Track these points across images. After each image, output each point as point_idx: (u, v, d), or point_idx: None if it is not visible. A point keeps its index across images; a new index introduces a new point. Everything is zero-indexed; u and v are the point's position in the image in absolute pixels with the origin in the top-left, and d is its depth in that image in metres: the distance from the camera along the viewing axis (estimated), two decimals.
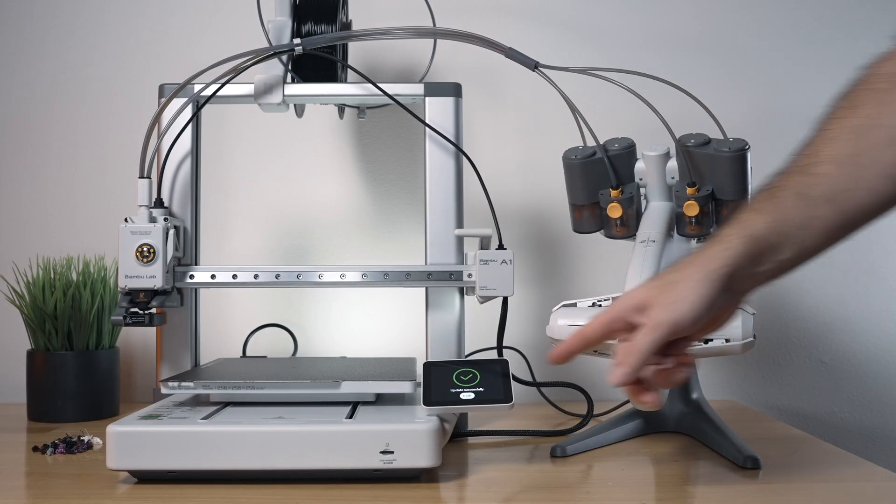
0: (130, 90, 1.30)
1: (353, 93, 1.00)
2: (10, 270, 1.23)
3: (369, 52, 1.28)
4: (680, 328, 0.65)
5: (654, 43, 1.31)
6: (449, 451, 0.89)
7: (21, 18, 1.31)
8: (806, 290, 1.31)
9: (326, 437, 0.76)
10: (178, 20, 1.30)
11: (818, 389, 1.31)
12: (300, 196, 1.30)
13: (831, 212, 0.64)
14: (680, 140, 0.95)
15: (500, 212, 0.98)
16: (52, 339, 1.09)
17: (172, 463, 0.75)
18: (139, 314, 0.89)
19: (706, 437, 0.93)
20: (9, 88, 1.31)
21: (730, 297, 0.67)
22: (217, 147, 1.28)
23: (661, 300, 0.65)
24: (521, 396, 1.05)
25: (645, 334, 0.65)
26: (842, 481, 0.80)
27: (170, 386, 0.84)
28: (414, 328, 1.21)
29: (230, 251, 1.29)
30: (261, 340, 1.23)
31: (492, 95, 1.30)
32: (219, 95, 0.96)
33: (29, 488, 0.79)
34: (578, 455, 0.90)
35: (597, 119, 1.03)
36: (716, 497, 0.76)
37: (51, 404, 1.08)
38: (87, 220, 1.29)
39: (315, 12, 1.01)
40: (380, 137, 1.30)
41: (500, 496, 0.75)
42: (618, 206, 0.96)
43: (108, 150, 1.30)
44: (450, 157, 0.97)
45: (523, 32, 1.30)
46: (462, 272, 0.94)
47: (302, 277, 0.94)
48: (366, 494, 0.74)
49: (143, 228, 0.89)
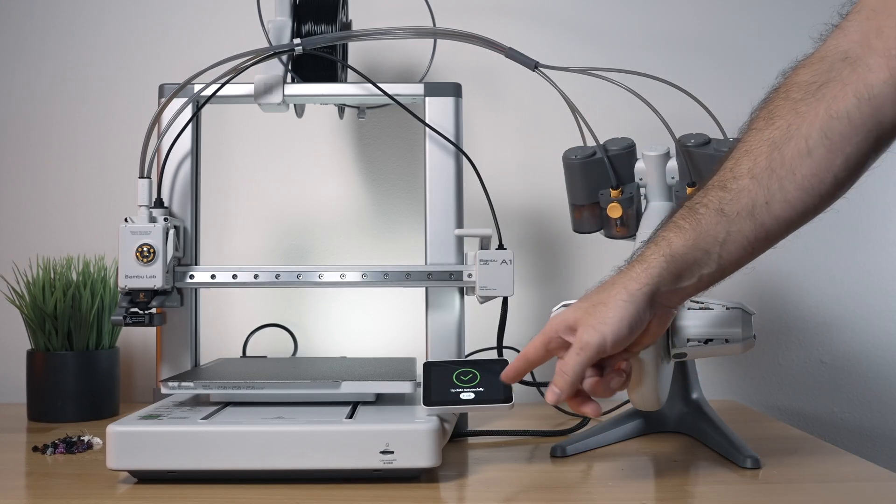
0: (130, 90, 1.30)
1: (353, 93, 1.00)
2: (10, 270, 1.23)
3: (369, 52, 1.28)
4: (606, 349, 0.68)
5: (654, 43, 1.31)
6: (449, 451, 0.89)
7: (21, 18, 1.31)
8: (806, 290, 1.31)
9: (326, 437, 0.76)
10: (178, 20, 1.30)
11: (818, 389, 1.31)
12: (300, 196, 1.30)
13: (750, 226, 0.66)
14: (680, 140, 0.95)
15: (500, 212, 0.98)
16: (52, 339, 1.09)
17: (172, 463, 0.75)
18: (139, 314, 0.89)
19: (706, 437, 0.93)
20: (9, 88, 1.31)
21: (656, 311, 0.70)
22: (217, 147, 1.28)
23: (588, 321, 0.69)
24: (521, 396, 1.05)
25: (573, 356, 0.69)
26: (842, 481, 0.80)
27: (170, 386, 0.84)
28: (414, 328, 1.22)
29: (230, 251, 1.29)
30: (261, 340, 1.23)
31: (492, 95, 1.30)
32: (219, 95, 0.96)
33: (29, 488, 0.79)
34: (578, 455, 0.90)
35: (597, 119, 1.03)
36: (716, 497, 0.76)
37: (51, 404, 1.08)
38: (87, 220, 1.29)
39: (315, 12, 1.01)
40: (380, 137, 1.30)
41: (500, 496, 0.75)
42: (618, 206, 0.96)
43: (108, 150, 1.30)
44: (450, 157, 0.97)
45: (523, 32, 1.30)
46: (462, 272, 0.94)
47: (302, 277, 0.94)
48: (366, 494, 0.74)
49: (143, 228, 0.89)
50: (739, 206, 0.66)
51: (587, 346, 0.68)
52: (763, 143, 0.66)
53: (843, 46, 0.65)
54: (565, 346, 0.72)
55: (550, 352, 0.73)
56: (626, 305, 0.68)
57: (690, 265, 0.68)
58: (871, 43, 0.63)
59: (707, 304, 0.82)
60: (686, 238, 0.67)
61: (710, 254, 0.67)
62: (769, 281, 1.31)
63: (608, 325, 0.68)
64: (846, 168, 0.64)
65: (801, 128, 0.65)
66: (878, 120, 0.63)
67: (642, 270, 0.68)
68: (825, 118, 0.64)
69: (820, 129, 0.64)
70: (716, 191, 0.68)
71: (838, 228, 1.30)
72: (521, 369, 0.76)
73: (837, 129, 0.63)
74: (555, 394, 0.70)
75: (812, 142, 0.64)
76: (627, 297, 0.68)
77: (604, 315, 0.68)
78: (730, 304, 0.82)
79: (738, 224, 0.66)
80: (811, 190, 0.65)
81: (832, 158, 0.64)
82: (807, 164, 0.64)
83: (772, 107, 0.67)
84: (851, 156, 0.64)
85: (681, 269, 0.68)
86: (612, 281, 0.71)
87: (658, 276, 0.68)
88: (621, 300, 0.68)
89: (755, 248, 0.68)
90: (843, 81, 0.64)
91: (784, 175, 0.65)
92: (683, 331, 0.81)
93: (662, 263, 0.68)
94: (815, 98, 0.65)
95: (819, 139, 0.64)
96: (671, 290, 0.69)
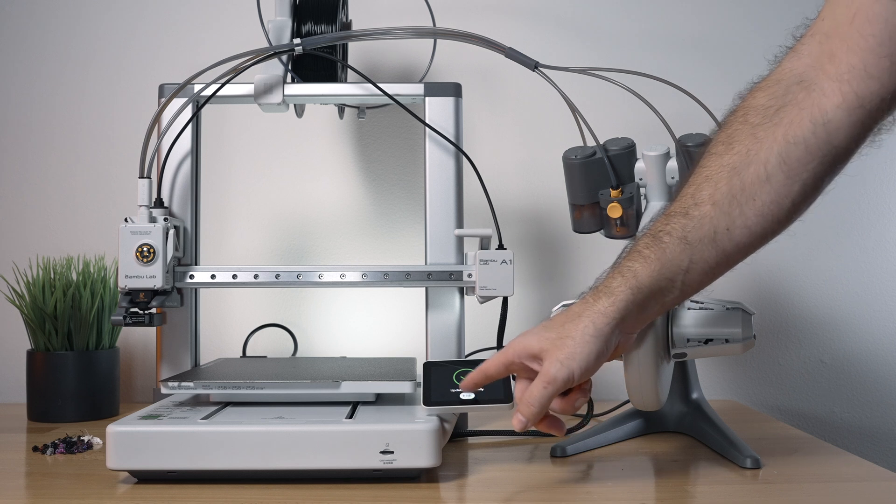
0: (130, 90, 1.30)
1: (353, 93, 1.00)
2: (10, 270, 1.23)
3: (369, 52, 1.28)
4: (573, 382, 0.71)
5: (653, 43, 1.31)
6: (449, 451, 0.89)
7: (21, 18, 1.31)
8: (806, 290, 1.31)
9: (326, 437, 0.76)
10: (178, 20, 1.30)
11: (818, 389, 1.31)
12: (300, 196, 1.30)
13: (712, 252, 0.68)
14: (680, 140, 0.95)
15: (500, 212, 0.98)
16: (52, 339, 1.09)
17: (172, 463, 0.75)
18: (139, 314, 0.89)
19: (706, 437, 0.93)
20: (9, 88, 1.31)
21: (621, 338, 0.73)
22: (217, 147, 1.28)
23: (555, 355, 0.70)
24: None
25: (540, 388, 0.70)
26: (842, 481, 0.80)
27: (170, 386, 0.84)
28: (414, 328, 1.22)
29: (230, 251, 1.29)
30: (261, 340, 1.23)
31: (492, 95, 1.30)
32: (219, 95, 0.96)
33: (29, 488, 0.79)
34: (578, 455, 0.90)
35: (597, 119, 1.03)
36: (716, 497, 0.76)
37: (51, 404, 1.08)
38: (87, 220, 1.29)
39: (315, 12, 1.01)
40: (380, 137, 1.30)
41: (500, 496, 0.75)
42: (618, 206, 0.96)
43: (108, 150, 1.30)
44: (450, 157, 0.97)
45: (523, 32, 1.30)
46: (462, 272, 0.94)
47: (302, 277, 0.94)
48: (366, 494, 0.74)
49: (143, 228, 0.89)
50: (702, 234, 0.68)
51: (555, 381, 0.70)
52: (723, 168, 0.68)
53: (798, 69, 0.67)
54: (527, 370, 0.74)
55: (510, 371, 0.76)
56: (594, 340, 0.70)
57: (655, 294, 0.70)
58: (824, 67, 0.65)
59: (707, 304, 0.82)
60: (651, 269, 0.69)
61: (674, 282, 0.69)
62: (769, 281, 1.31)
63: (576, 360, 0.69)
64: (803, 193, 0.66)
65: (760, 153, 0.66)
66: (833, 144, 0.65)
67: (609, 304, 0.70)
68: (783, 143, 0.66)
69: (778, 154, 0.66)
70: (678, 218, 0.69)
71: (838, 229, 1.30)
72: (479, 382, 0.77)
73: (795, 154, 0.65)
74: (521, 422, 0.72)
75: (771, 167, 0.66)
76: (595, 331, 0.70)
77: (572, 350, 0.70)
78: (730, 304, 0.82)
79: (700, 251, 0.68)
80: (770, 216, 0.67)
81: (790, 185, 0.66)
82: (766, 190, 0.66)
83: (731, 130, 0.68)
84: (808, 181, 0.66)
85: (646, 299, 0.70)
86: (577, 311, 0.71)
87: (625, 308, 0.69)
88: (589, 335, 0.70)
89: (716, 273, 0.70)
90: (798, 105, 0.65)
91: (744, 201, 0.67)
92: (683, 331, 0.81)
93: (629, 296, 0.69)
94: (773, 123, 0.66)
95: (777, 165, 0.66)
96: (636, 319, 0.71)
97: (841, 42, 0.64)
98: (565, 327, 0.71)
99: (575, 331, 0.70)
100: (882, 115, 0.64)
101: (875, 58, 0.62)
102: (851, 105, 0.64)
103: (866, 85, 0.63)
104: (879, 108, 0.64)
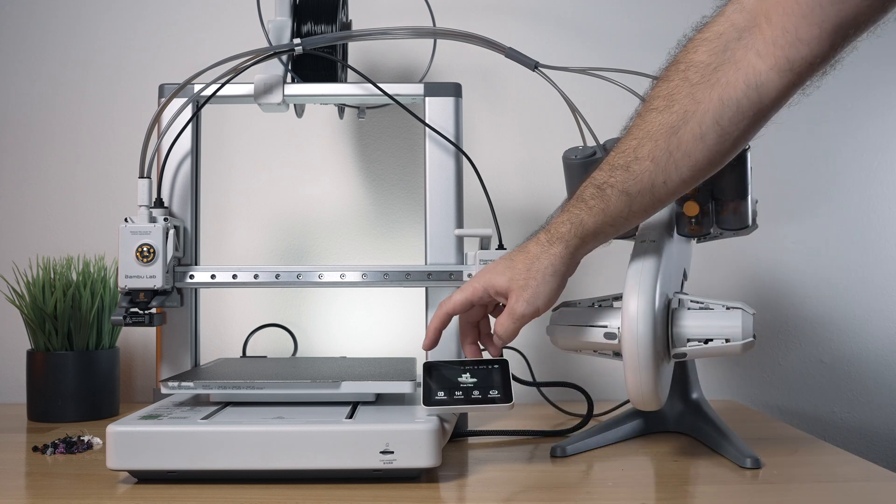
0: (130, 90, 1.30)
1: (353, 93, 1.00)
2: (10, 270, 1.23)
3: (369, 52, 1.28)
4: (539, 314, 0.82)
5: (653, 43, 1.30)
6: (449, 451, 0.89)
7: (21, 18, 1.31)
8: (806, 290, 1.31)
9: (326, 437, 0.76)
10: (178, 20, 1.31)
11: (818, 389, 1.31)
12: (300, 196, 1.30)
13: (649, 200, 0.77)
14: None
15: (500, 212, 0.98)
16: (52, 339, 1.09)
17: (172, 463, 0.75)
18: (139, 314, 0.89)
19: (706, 437, 0.93)
20: (9, 88, 1.31)
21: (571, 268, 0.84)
22: (217, 147, 1.28)
23: (521, 295, 0.81)
24: (521, 396, 1.05)
25: (509, 322, 0.82)
26: (842, 481, 0.80)
27: (170, 386, 0.84)
28: (414, 328, 1.22)
29: (230, 251, 1.29)
30: (261, 340, 1.23)
31: (492, 95, 1.30)
32: (219, 95, 0.96)
33: (29, 488, 0.79)
34: (578, 455, 0.90)
35: (597, 119, 1.03)
36: (716, 497, 0.76)
37: (51, 404, 1.08)
38: (87, 220, 1.29)
39: (315, 12, 1.01)
40: (380, 137, 1.30)
41: (500, 496, 0.75)
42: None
43: (108, 151, 1.30)
44: (450, 157, 0.97)
45: (523, 32, 1.30)
46: (462, 272, 0.94)
47: (302, 277, 0.94)
48: (366, 494, 0.74)
49: (143, 228, 0.89)
50: (641, 186, 0.76)
51: (524, 317, 0.81)
52: (663, 126, 0.74)
53: (740, 24, 0.70)
54: (491, 301, 0.85)
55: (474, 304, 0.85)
56: (553, 279, 0.81)
57: (598, 236, 0.81)
58: (761, 26, 0.69)
59: (707, 304, 0.82)
60: (596, 218, 0.79)
61: (615, 226, 0.80)
62: (769, 281, 1.31)
63: (541, 298, 0.81)
64: (733, 147, 0.74)
65: (697, 114, 0.72)
66: (764, 104, 0.71)
67: (563, 248, 0.81)
68: (718, 105, 0.71)
69: (713, 115, 0.72)
70: (620, 172, 0.77)
71: (838, 229, 1.30)
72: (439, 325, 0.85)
73: (727, 115, 0.71)
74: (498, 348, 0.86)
75: (706, 127, 0.72)
76: (553, 271, 0.81)
77: (535, 290, 0.81)
78: (730, 304, 0.82)
79: (639, 201, 0.77)
80: (702, 168, 0.75)
81: (722, 142, 0.73)
82: (700, 147, 0.73)
83: (671, 86, 0.74)
84: (739, 137, 0.73)
85: (592, 239, 0.82)
86: (536, 253, 0.82)
87: (576, 249, 0.82)
88: (549, 275, 0.81)
89: (649, 213, 0.80)
90: (735, 65, 0.70)
91: (679, 158, 0.74)
92: (683, 331, 0.81)
93: (578, 242, 0.81)
94: (710, 83, 0.72)
95: (712, 125, 0.72)
96: (583, 254, 0.84)
97: (776, 4, 0.68)
98: (529, 270, 0.82)
99: (537, 272, 0.81)
100: (810, 76, 0.69)
101: (806, 24, 0.66)
102: (782, 68, 0.68)
103: (797, 50, 0.67)
104: (808, 72, 0.69)
